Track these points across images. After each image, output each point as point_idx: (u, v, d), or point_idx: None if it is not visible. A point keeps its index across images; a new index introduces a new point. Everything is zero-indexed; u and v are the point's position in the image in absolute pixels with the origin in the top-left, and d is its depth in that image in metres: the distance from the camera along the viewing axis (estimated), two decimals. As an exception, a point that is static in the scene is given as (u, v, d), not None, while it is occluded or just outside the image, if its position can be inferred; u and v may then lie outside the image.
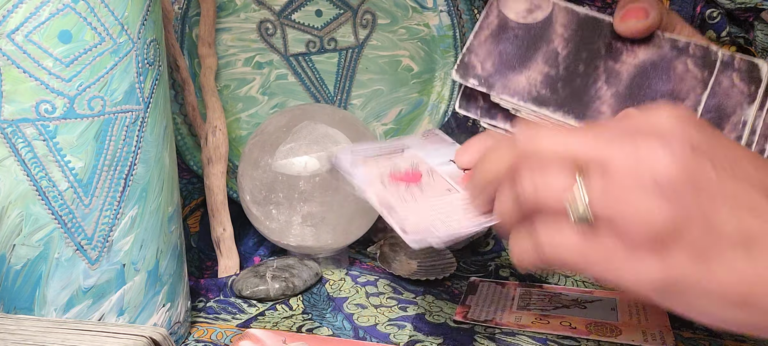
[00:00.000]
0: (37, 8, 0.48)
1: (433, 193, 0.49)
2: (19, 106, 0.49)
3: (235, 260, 0.72)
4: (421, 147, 0.55)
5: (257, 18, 0.77)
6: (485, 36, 0.56)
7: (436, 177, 0.50)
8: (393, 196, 0.47)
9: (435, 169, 0.51)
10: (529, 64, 0.54)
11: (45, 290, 0.52)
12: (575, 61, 0.54)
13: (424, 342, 0.59)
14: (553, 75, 0.54)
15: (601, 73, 0.53)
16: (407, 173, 0.50)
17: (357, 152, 0.52)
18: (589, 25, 0.55)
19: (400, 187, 0.49)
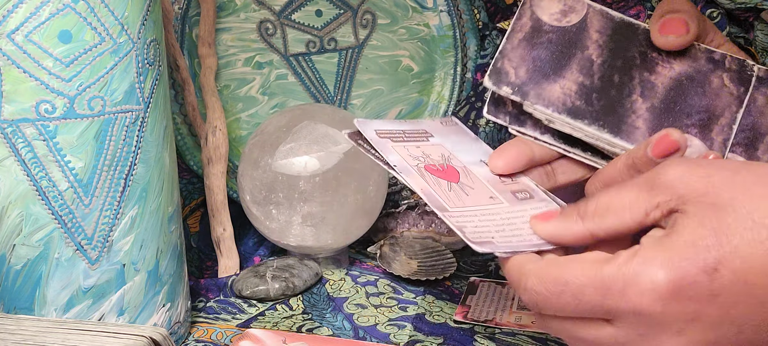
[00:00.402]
0: (37, 8, 0.48)
1: (478, 199, 0.46)
2: (19, 106, 0.49)
3: (235, 260, 0.72)
4: (445, 136, 0.53)
5: (257, 18, 0.77)
6: (518, 39, 0.53)
7: (474, 179, 0.49)
8: (439, 192, 0.45)
9: (468, 168, 0.50)
10: (564, 73, 0.52)
11: (45, 290, 0.52)
12: (610, 70, 0.52)
13: (424, 342, 0.59)
14: (588, 85, 0.52)
15: (637, 86, 0.51)
16: (442, 167, 0.49)
17: (381, 129, 0.50)
18: (624, 31, 0.53)
19: (442, 184, 0.47)
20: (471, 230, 0.44)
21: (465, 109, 0.80)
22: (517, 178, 0.51)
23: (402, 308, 0.65)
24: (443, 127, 0.54)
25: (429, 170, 0.47)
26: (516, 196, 0.49)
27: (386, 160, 0.47)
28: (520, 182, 0.51)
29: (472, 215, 0.45)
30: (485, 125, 0.79)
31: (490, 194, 0.48)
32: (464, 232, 0.44)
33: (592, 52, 0.53)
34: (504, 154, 0.51)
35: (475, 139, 0.54)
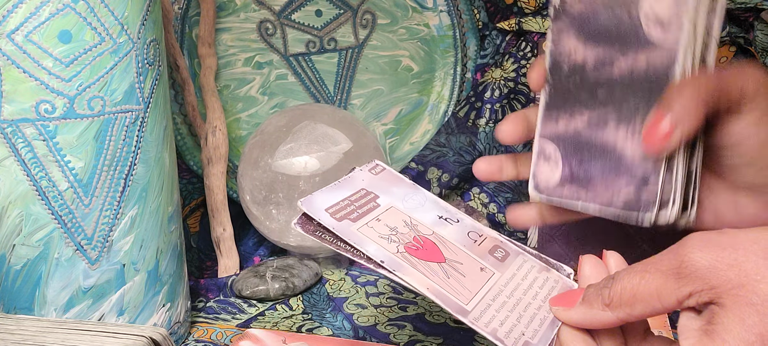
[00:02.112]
0: (37, 8, 0.48)
1: (474, 277, 0.45)
2: (19, 106, 0.49)
3: (235, 260, 0.72)
4: (388, 192, 0.50)
5: (257, 18, 0.77)
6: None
7: (453, 249, 0.47)
8: (444, 286, 0.43)
9: (438, 233, 0.48)
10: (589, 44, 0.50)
11: (45, 290, 0.52)
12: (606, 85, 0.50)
13: (424, 342, 0.59)
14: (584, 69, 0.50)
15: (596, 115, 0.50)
16: (419, 244, 0.46)
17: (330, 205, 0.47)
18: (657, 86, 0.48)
19: (436, 270, 0.45)
20: (504, 332, 0.43)
21: (465, 109, 0.80)
22: (482, 231, 0.50)
23: (402, 308, 0.65)
24: (376, 178, 0.52)
25: (412, 253, 0.45)
26: (495, 257, 0.48)
27: (365, 254, 0.44)
28: (487, 237, 0.50)
29: (486, 307, 0.44)
30: (485, 125, 0.79)
31: (478, 265, 0.47)
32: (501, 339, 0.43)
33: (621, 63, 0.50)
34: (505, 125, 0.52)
35: (413, 186, 0.52)
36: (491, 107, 0.79)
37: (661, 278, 0.39)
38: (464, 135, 0.79)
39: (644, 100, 0.48)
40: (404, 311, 0.64)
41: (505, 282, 0.46)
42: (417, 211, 0.49)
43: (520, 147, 0.77)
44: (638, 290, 0.40)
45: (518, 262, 0.48)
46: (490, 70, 0.80)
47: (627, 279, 0.40)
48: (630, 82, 0.49)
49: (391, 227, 0.47)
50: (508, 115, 0.54)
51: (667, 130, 0.46)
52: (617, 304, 0.40)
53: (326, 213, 0.46)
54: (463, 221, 0.50)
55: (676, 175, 0.47)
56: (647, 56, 0.48)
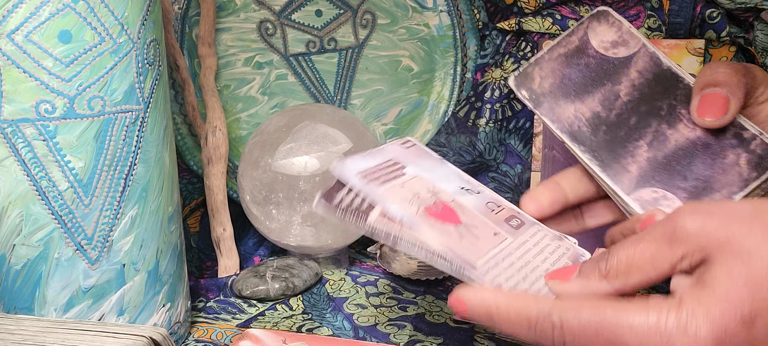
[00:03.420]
0: (37, 8, 0.48)
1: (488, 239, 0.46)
2: (19, 106, 0.49)
3: (235, 260, 0.72)
4: (415, 164, 0.52)
5: (257, 18, 0.77)
6: (558, 54, 0.54)
7: (470, 214, 0.48)
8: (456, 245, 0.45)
9: (458, 201, 0.49)
10: (584, 99, 0.52)
11: (45, 290, 0.52)
12: (631, 112, 0.52)
13: (424, 342, 0.59)
14: (602, 117, 0.52)
15: (649, 134, 0.51)
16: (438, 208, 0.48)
17: (362, 169, 0.49)
18: (665, 80, 0.52)
19: (450, 231, 0.46)
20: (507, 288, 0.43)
21: (465, 109, 0.80)
22: (501, 203, 0.51)
23: (402, 308, 0.65)
24: (406, 151, 0.53)
25: (430, 215, 0.47)
26: (510, 225, 0.49)
27: (387, 212, 0.46)
28: (505, 208, 0.51)
29: (495, 265, 0.45)
30: (485, 125, 0.79)
31: (492, 229, 0.48)
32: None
33: (622, 89, 0.52)
34: (537, 198, 0.52)
35: (441, 161, 0.54)
36: (491, 107, 0.79)
37: (654, 244, 0.40)
38: (464, 135, 0.79)
39: (670, 97, 0.51)
40: (404, 311, 0.64)
41: (516, 246, 0.47)
42: (441, 181, 0.50)
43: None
44: (633, 259, 0.41)
45: (532, 231, 0.49)
46: (490, 70, 0.80)
47: (622, 250, 0.41)
48: (642, 94, 0.52)
49: (414, 192, 0.48)
50: (537, 186, 0.53)
51: (724, 100, 0.48)
52: (614, 274, 0.41)
53: (357, 175, 0.48)
54: (483, 192, 0.51)
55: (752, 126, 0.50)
56: (632, 67, 0.53)
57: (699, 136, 0.50)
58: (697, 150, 0.50)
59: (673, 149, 0.50)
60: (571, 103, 0.53)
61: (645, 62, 0.53)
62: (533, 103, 0.53)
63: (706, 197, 0.49)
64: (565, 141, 0.52)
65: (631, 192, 0.50)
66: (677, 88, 0.51)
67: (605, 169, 0.51)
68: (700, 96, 0.50)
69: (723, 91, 0.49)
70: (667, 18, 0.72)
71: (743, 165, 0.49)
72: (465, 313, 0.43)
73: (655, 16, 0.72)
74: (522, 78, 0.54)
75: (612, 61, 0.53)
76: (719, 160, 0.49)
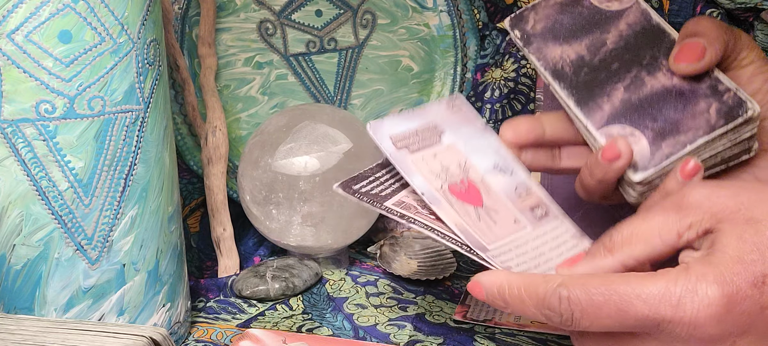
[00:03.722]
0: (37, 8, 0.48)
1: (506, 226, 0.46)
2: (19, 106, 0.49)
3: (235, 260, 0.72)
4: (456, 130, 0.52)
5: (257, 18, 0.77)
6: (555, 2, 0.56)
7: (495, 198, 0.48)
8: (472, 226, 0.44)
9: (486, 181, 0.49)
10: (572, 42, 0.55)
11: (45, 290, 0.52)
12: (614, 58, 0.54)
13: (424, 342, 0.59)
14: (586, 60, 0.54)
15: (628, 78, 0.53)
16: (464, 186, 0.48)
17: (396, 133, 0.49)
18: (653, 34, 0.54)
19: (470, 212, 0.46)
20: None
21: (465, 109, 0.80)
22: (531, 189, 0.52)
23: (402, 308, 0.65)
24: (451, 114, 0.54)
25: (454, 193, 0.47)
26: (534, 213, 0.49)
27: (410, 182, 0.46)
28: (534, 194, 0.51)
29: (507, 251, 0.45)
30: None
31: (513, 216, 0.48)
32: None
33: (610, 37, 0.55)
34: (516, 126, 0.53)
35: (484, 129, 0.54)
36: (491, 107, 0.79)
37: (662, 213, 0.40)
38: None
39: (654, 49, 0.53)
40: (404, 311, 0.64)
41: (534, 237, 0.47)
42: (475, 155, 0.51)
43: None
44: (639, 230, 0.41)
45: (554, 224, 0.50)
46: (490, 70, 0.80)
47: (627, 224, 0.42)
48: (628, 44, 0.54)
49: (444, 165, 0.49)
50: (519, 116, 0.55)
51: (701, 49, 0.49)
52: (619, 246, 0.41)
53: (389, 139, 0.48)
54: (516, 174, 0.51)
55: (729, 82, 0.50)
56: (623, 20, 0.55)
57: (675, 84, 0.51)
58: (671, 96, 0.51)
59: (648, 93, 0.52)
60: (559, 45, 0.55)
61: (636, 17, 0.55)
62: (523, 41, 0.56)
63: (672, 138, 0.50)
64: (547, 78, 0.54)
65: (600, 127, 0.52)
66: (662, 42, 0.53)
67: (579, 105, 0.53)
68: (680, 44, 0.51)
69: (701, 41, 0.50)
70: (667, 18, 0.72)
71: (712, 113, 0.50)
72: (481, 294, 0.43)
73: (655, 16, 0.72)
74: (517, 19, 0.57)
75: (604, 12, 0.56)
76: (690, 106, 0.50)
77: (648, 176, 0.50)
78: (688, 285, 0.38)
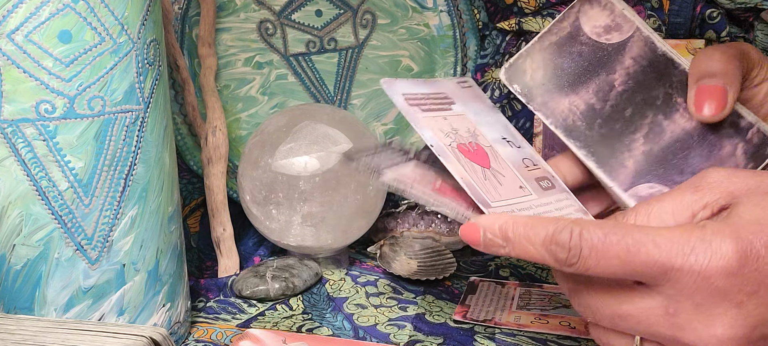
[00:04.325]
0: (37, 8, 0.48)
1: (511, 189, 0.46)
2: (19, 106, 0.49)
3: (235, 260, 0.72)
4: (465, 103, 0.51)
5: (257, 18, 0.77)
6: (550, 43, 0.53)
7: (502, 164, 0.47)
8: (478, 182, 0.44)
9: (494, 148, 0.49)
10: (578, 90, 0.51)
11: (45, 290, 0.52)
12: (626, 103, 0.51)
13: (424, 342, 0.59)
14: (597, 109, 0.51)
15: (645, 126, 0.50)
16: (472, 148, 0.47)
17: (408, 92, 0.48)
18: (660, 66, 0.51)
19: (477, 170, 0.45)
20: None
21: (465, 109, 0.80)
22: (538, 162, 0.51)
23: (402, 308, 0.65)
24: (461, 90, 0.53)
25: (462, 151, 0.46)
26: (540, 185, 0.48)
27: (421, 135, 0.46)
28: (541, 168, 0.50)
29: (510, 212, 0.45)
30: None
31: (519, 182, 0.47)
32: None
33: (617, 78, 0.51)
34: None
35: (492, 108, 0.53)
36: (491, 107, 0.79)
37: (677, 194, 0.40)
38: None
39: (666, 85, 0.50)
40: (404, 311, 0.64)
41: (538, 204, 0.47)
42: (484, 125, 0.50)
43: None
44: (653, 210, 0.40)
45: (560, 197, 0.49)
46: (490, 70, 0.80)
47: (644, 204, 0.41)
48: (637, 83, 0.51)
49: (454, 127, 0.48)
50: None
51: (721, 93, 0.47)
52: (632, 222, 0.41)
53: (402, 96, 0.48)
54: (524, 148, 0.51)
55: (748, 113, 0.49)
56: (627, 54, 0.52)
57: (695, 127, 0.49)
58: (693, 141, 0.49)
59: (670, 141, 0.49)
60: (565, 95, 0.52)
61: (639, 48, 0.51)
62: (526, 97, 0.52)
63: None
64: (560, 135, 0.51)
65: (627, 188, 0.49)
66: (672, 75, 0.50)
67: (601, 166, 0.50)
68: (696, 88, 0.48)
69: (720, 83, 0.47)
70: (667, 18, 0.72)
71: (739, 155, 0.48)
72: (477, 238, 0.42)
73: (655, 16, 0.72)
74: (513, 71, 0.53)
75: (605, 48, 0.52)
76: (716, 151, 0.48)
77: None
78: (704, 237, 0.37)
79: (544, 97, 0.52)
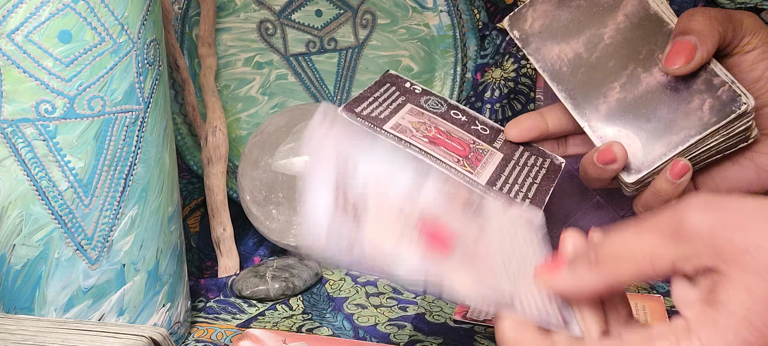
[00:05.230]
0: (37, 8, 0.48)
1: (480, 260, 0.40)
2: (19, 106, 0.49)
3: (235, 260, 0.72)
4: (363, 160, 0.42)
5: (257, 18, 0.77)
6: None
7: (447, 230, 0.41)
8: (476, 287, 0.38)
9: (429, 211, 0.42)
10: (570, 40, 0.55)
11: (45, 290, 0.52)
12: (611, 55, 0.54)
13: (424, 342, 0.59)
14: (583, 58, 0.54)
15: (624, 76, 0.53)
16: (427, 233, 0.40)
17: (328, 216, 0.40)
18: (650, 25, 0.54)
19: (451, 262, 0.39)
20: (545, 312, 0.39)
21: (465, 109, 0.80)
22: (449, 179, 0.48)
23: (402, 308, 0.65)
24: (343, 143, 0.43)
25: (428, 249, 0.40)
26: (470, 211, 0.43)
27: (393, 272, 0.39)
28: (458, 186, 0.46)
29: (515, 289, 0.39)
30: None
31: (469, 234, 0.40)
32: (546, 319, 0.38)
33: (607, 32, 0.55)
34: (520, 124, 0.56)
35: (369, 133, 0.49)
36: (491, 107, 0.79)
37: (657, 238, 0.35)
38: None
39: (651, 42, 0.53)
40: (404, 311, 0.64)
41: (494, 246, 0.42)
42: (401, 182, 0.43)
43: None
44: (629, 247, 0.36)
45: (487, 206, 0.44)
46: (490, 70, 0.80)
47: (618, 237, 0.36)
48: (625, 38, 0.54)
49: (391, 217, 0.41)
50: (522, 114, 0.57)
51: (690, 48, 0.49)
52: (605, 262, 0.36)
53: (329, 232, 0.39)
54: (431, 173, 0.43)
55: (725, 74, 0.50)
56: (620, 11, 0.55)
57: (670, 81, 0.52)
58: (665, 94, 0.52)
59: (644, 92, 0.52)
60: (557, 44, 0.56)
61: (633, 6, 0.55)
62: (522, 42, 0.57)
63: (664, 139, 0.51)
64: (546, 79, 0.55)
65: (597, 130, 0.53)
66: (660, 33, 0.53)
67: (577, 109, 0.54)
68: (672, 43, 0.51)
69: (692, 40, 0.50)
70: (667, 18, 0.72)
71: (706, 110, 0.50)
72: None
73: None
74: (515, 19, 0.58)
75: (601, 4, 0.55)
76: (684, 104, 0.51)
77: (640, 177, 0.51)
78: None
79: (538, 44, 0.56)
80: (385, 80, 0.57)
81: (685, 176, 0.50)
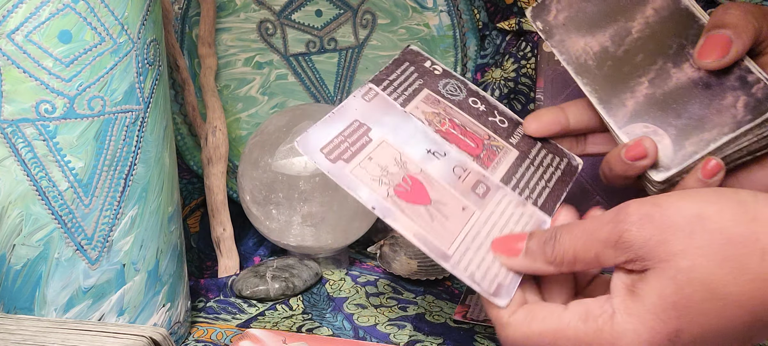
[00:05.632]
0: (37, 8, 0.48)
1: (457, 218, 0.46)
2: (19, 106, 0.49)
3: (235, 260, 0.72)
4: (379, 122, 0.50)
5: (257, 18, 0.77)
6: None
7: (439, 189, 0.48)
8: (428, 230, 0.45)
9: (426, 171, 0.49)
10: (596, 33, 0.53)
11: (45, 290, 0.52)
12: (639, 49, 0.52)
13: (424, 342, 0.59)
14: (610, 52, 0.53)
15: (653, 71, 0.51)
16: (408, 184, 0.47)
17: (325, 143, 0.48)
18: (681, 19, 0.52)
19: (421, 213, 0.46)
20: (480, 276, 0.44)
21: (465, 109, 0.80)
22: (466, 165, 0.50)
23: (402, 308, 0.65)
24: (369, 105, 0.51)
25: (400, 196, 0.46)
26: (476, 193, 0.49)
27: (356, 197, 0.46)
28: (471, 170, 0.50)
29: (465, 250, 0.45)
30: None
31: (461, 203, 0.48)
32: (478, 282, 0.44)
33: (635, 26, 0.53)
34: (540, 118, 0.55)
35: (403, 113, 0.52)
36: (491, 107, 0.79)
37: (600, 247, 0.42)
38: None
39: (681, 36, 0.51)
40: (404, 311, 0.64)
41: (483, 221, 0.47)
42: (408, 144, 0.50)
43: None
44: (579, 254, 0.43)
45: (498, 197, 0.49)
46: (490, 70, 0.80)
47: (569, 242, 0.43)
48: (654, 32, 0.52)
49: (382, 166, 0.48)
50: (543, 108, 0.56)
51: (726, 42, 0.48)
52: (560, 263, 0.43)
53: (321, 154, 0.47)
54: (449, 154, 0.50)
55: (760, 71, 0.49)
56: (650, 6, 0.53)
57: (702, 77, 0.50)
58: (697, 90, 0.50)
59: (674, 87, 0.50)
60: (582, 36, 0.54)
61: (664, 0, 0.53)
62: (546, 34, 0.55)
63: (695, 136, 0.49)
64: (570, 72, 0.53)
65: (623, 126, 0.51)
66: (690, 28, 0.51)
67: (602, 103, 0.52)
68: (705, 37, 0.49)
69: (727, 33, 0.48)
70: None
71: (739, 108, 0.48)
72: None
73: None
74: (539, 9, 0.56)
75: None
76: (717, 101, 0.49)
77: (670, 175, 0.49)
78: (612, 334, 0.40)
79: (562, 35, 0.54)
80: (404, 58, 0.55)
81: (718, 175, 0.48)
